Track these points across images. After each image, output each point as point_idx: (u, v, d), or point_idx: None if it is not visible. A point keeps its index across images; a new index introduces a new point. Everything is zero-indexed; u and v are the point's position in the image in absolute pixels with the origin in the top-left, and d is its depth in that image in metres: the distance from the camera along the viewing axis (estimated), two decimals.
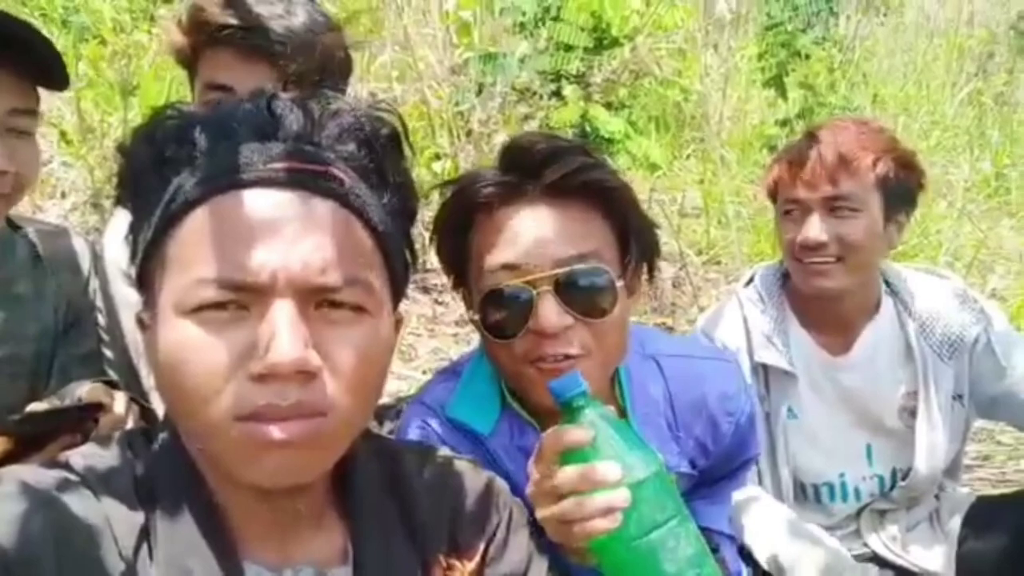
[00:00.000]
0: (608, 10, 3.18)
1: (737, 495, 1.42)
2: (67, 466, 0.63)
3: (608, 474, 0.73)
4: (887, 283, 1.61)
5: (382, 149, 0.68)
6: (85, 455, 0.65)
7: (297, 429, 0.59)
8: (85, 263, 1.29)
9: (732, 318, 1.60)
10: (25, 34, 1.00)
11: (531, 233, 0.95)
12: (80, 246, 1.30)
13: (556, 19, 3.21)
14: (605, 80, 3.12)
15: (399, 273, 0.70)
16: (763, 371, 1.58)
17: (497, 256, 0.96)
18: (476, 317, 0.99)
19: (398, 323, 0.72)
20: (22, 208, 2.98)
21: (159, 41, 3.70)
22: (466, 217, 1.00)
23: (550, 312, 0.93)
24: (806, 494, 1.62)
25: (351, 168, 0.66)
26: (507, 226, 0.96)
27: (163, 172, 0.63)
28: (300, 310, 0.59)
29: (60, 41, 3.91)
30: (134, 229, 0.66)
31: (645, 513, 0.73)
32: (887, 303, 1.59)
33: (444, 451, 0.84)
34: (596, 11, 3.16)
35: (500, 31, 3.80)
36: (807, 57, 4.09)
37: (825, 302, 1.54)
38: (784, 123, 4.31)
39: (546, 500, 0.78)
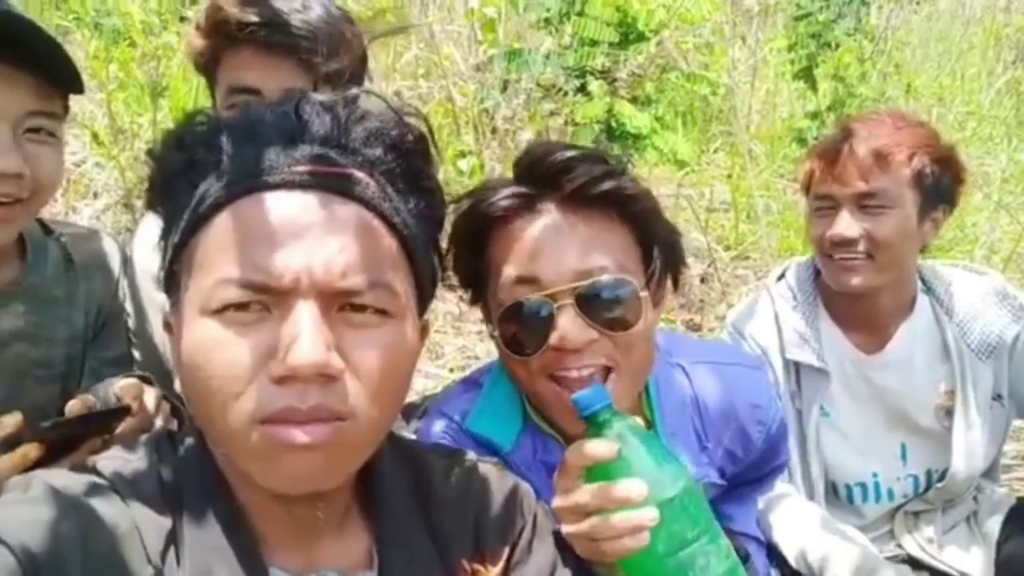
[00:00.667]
0: (634, 4, 3.15)
1: (768, 492, 1.41)
2: (95, 470, 0.64)
3: (633, 492, 0.71)
4: (923, 280, 1.58)
5: (409, 154, 0.68)
6: (113, 459, 0.66)
7: (317, 433, 0.58)
8: (115, 266, 1.31)
9: (763, 314, 1.58)
10: (35, 37, 1.00)
11: (550, 245, 0.92)
12: (111, 249, 1.31)
13: (581, 14, 3.18)
14: (631, 75, 3.09)
15: (425, 279, 0.69)
16: (794, 368, 1.55)
17: (515, 270, 0.93)
18: (495, 333, 0.97)
19: (424, 329, 0.71)
20: (56, 209, 3.04)
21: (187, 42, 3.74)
22: (482, 231, 0.97)
23: (572, 326, 0.90)
24: (838, 494, 1.59)
25: (377, 172, 0.65)
26: (525, 239, 0.93)
27: (191, 177, 0.64)
28: (323, 313, 0.59)
29: (92, 44, 3.97)
30: (164, 233, 0.67)
31: (675, 531, 0.72)
32: (923, 301, 1.56)
33: (469, 455, 0.83)
34: (621, 5, 3.13)
35: (525, 27, 3.79)
36: (837, 48, 4.02)
37: (856, 299, 1.51)
38: (815, 116, 4.23)
39: (572, 516, 0.76)
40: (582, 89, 3.23)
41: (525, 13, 3.48)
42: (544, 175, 0.93)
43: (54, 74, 1.04)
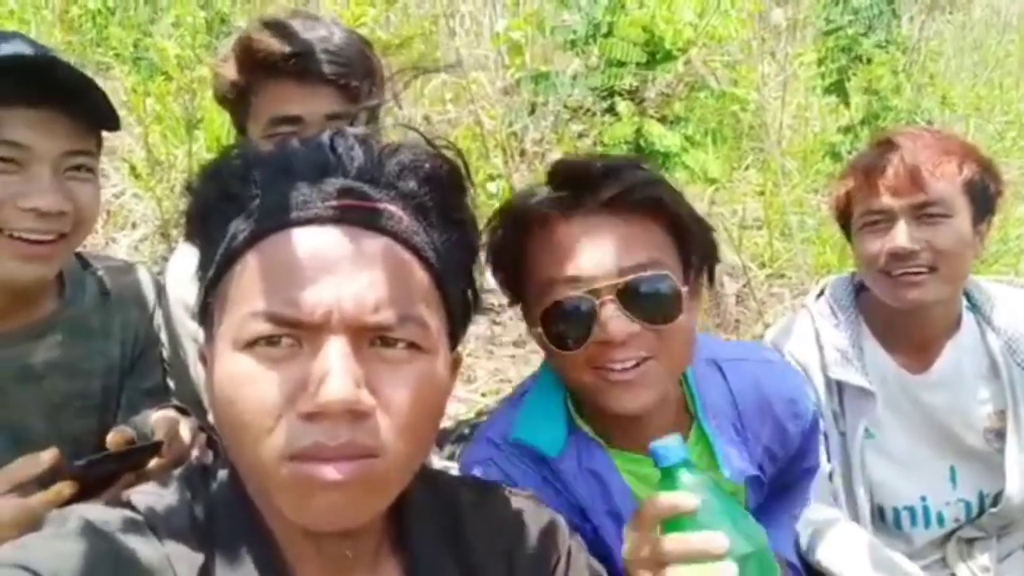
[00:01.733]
0: (660, 24, 3.14)
1: (814, 515, 1.37)
2: (129, 505, 0.64)
3: (717, 544, 0.69)
4: (967, 297, 1.53)
5: (443, 186, 0.67)
6: (147, 494, 0.66)
7: (347, 470, 0.58)
8: (151, 297, 1.32)
9: (803, 332, 1.54)
10: (75, 79, 1.03)
11: (590, 245, 0.95)
12: (146, 280, 1.33)
13: (607, 35, 3.19)
14: (659, 94, 3.08)
15: (457, 312, 0.69)
16: (837, 388, 1.50)
17: (557, 270, 0.96)
18: (539, 331, 0.99)
19: (456, 363, 0.71)
20: (96, 240, 3.11)
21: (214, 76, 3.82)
22: (522, 234, 1.00)
23: (615, 321, 0.93)
24: (885, 518, 1.54)
25: (410, 206, 0.65)
26: (566, 239, 0.96)
27: (226, 211, 0.64)
28: (353, 348, 0.59)
29: (131, 79, 4.08)
30: (201, 266, 0.67)
31: None
32: (968, 318, 1.51)
33: (503, 488, 0.82)
34: (648, 25, 3.13)
35: (551, 50, 3.80)
36: (869, 61, 3.97)
37: (907, 316, 1.46)
38: (848, 130, 4.18)
39: (648, 566, 0.74)
40: (610, 110, 3.23)
41: (552, 36, 3.50)
42: (584, 181, 0.97)
43: (92, 114, 1.06)
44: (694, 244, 1.01)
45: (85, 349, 1.19)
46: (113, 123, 1.09)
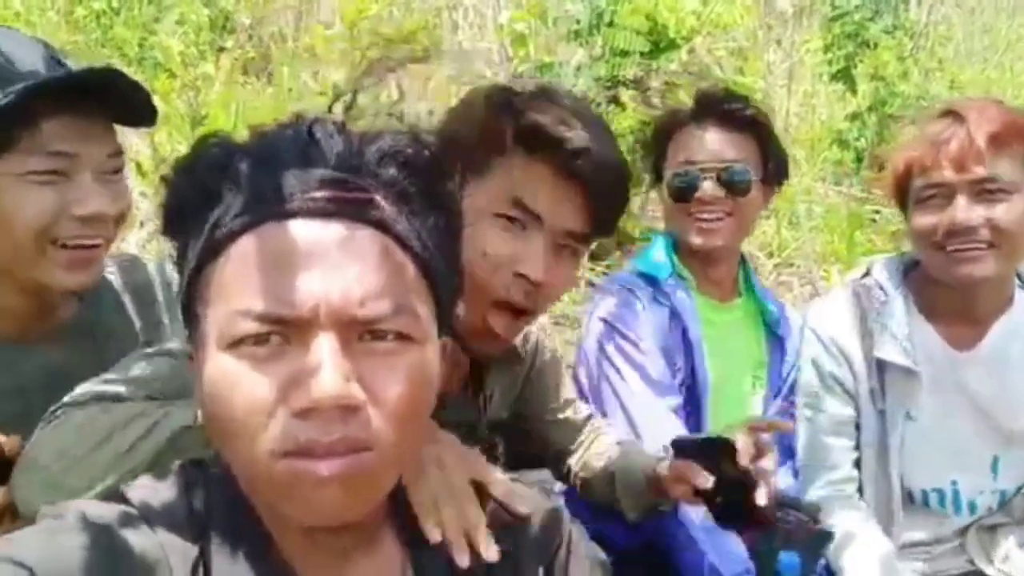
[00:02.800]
0: (664, 12, 3.12)
1: (839, 525, 1.38)
2: (123, 498, 0.64)
3: None
4: (1019, 277, 1.50)
5: (425, 171, 0.66)
6: (142, 488, 0.65)
7: (341, 465, 0.57)
8: (159, 292, 1.32)
9: (846, 313, 1.53)
10: (118, 82, 1.03)
11: (708, 142, 1.57)
12: (152, 275, 1.33)
13: (610, 25, 3.17)
14: (664, 84, 3.06)
15: (445, 299, 0.68)
16: (878, 368, 1.49)
17: (684, 156, 1.58)
18: (665, 194, 1.62)
19: (443, 349, 0.70)
20: None
21: (225, 72, 3.83)
22: (665, 133, 1.63)
23: (712, 190, 1.56)
24: (913, 499, 1.52)
25: (392, 193, 0.64)
26: (694, 137, 1.58)
27: (204, 204, 0.63)
28: (342, 342, 0.58)
29: (136, 77, 4.09)
30: (179, 261, 0.66)
31: None
32: (1020, 296, 1.48)
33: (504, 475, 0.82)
34: (651, 14, 3.11)
35: (555, 41, 3.79)
36: (876, 47, 3.93)
37: (959, 293, 1.44)
38: (855, 117, 4.16)
39: None
40: (615, 100, 3.21)
41: (555, 27, 3.49)
42: (711, 102, 1.59)
43: (133, 115, 1.06)
44: (771, 153, 1.60)
45: (105, 351, 1.19)
46: (151, 121, 1.09)
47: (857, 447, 1.53)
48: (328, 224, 0.60)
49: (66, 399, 0.90)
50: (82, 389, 0.89)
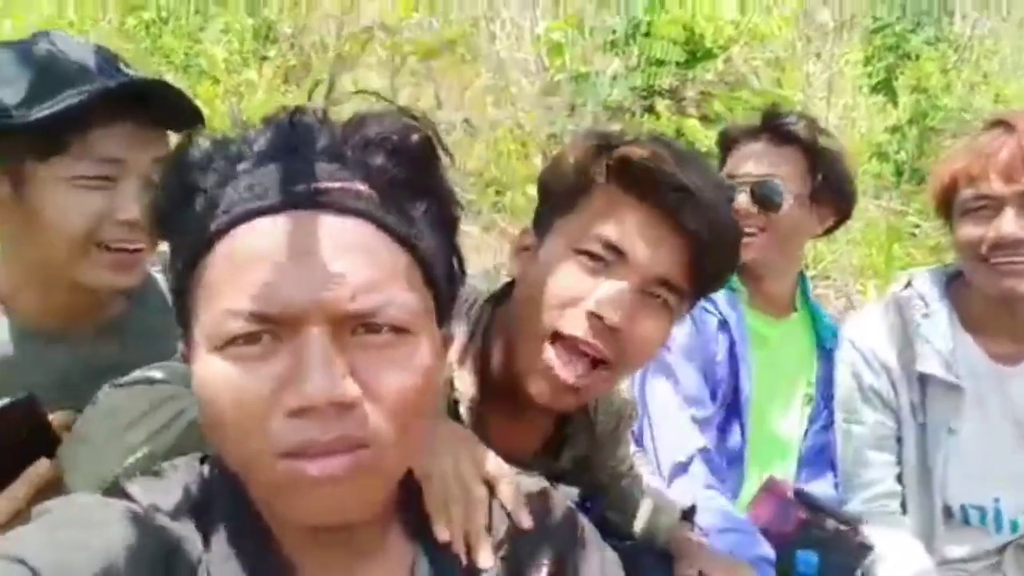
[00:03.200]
0: (700, 22, 3.12)
1: (879, 540, 1.37)
2: (125, 494, 0.63)
3: None
4: None
5: (413, 158, 0.63)
6: (144, 482, 0.64)
7: (339, 464, 0.56)
8: None
9: (887, 326, 1.50)
10: (165, 92, 1.05)
11: (747, 157, 1.59)
12: None
13: (647, 35, 3.17)
14: (699, 93, 3.05)
15: (442, 287, 0.65)
16: (920, 382, 1.46)
17: (734, 168, 1.60)
18: None
19: (445, 341, 0.68)
20: None
21: (266, 80, 3.92)
22: (726, 144, 1.66)
23: (742, 202, 1.53)
24: (952, 515, 1.48)
25: (380, 181, 0.61)
26: (745, 152, 1.59)
27: (189, 203, 0.61)
28: (335, 338, 0.56)
29: (182, 83, 4.21)
30: (171, 262, 0.64)
31: None
32: None
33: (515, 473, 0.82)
34: (688, 24, 3.10)
35: (591, 51, 3.80)
36: (918, 59, 3.88)
37: (1004, 306, 1.40)
38: (895, 129, 4.09)
39: None
40: (649, 109, 3.21)
41: (591, 37, 3.50)
42: (764, 117, 1.60)
43: (179, 120, 1.07)
44: (820, 169, 1.56)
45: (150, 350, 1.21)
46: (199, 123, 1.10)
47: (899, 461, 1.50)
48: (314, 217, 0.58)
49: (112, 382, 0.93)
50: (128, 376, 0.92)
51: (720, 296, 1.59)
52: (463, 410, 0.97)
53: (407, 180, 0.63)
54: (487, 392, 0.99)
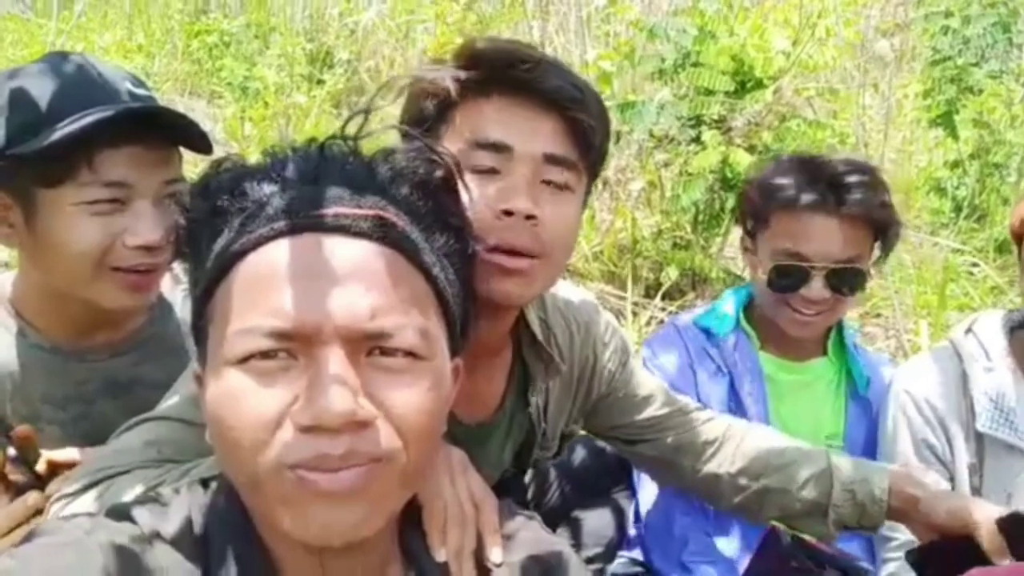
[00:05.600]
0: (751, 52, 3.07)
1: None
2: (126, 515, 0.63)
3: None
4: None
5: (436, 191, 0.66)
6: (146, 505, 0.65)
7: (349, 479, 0.56)
8: None
9: (945, 374, 1.41)
10: (172, 118, 1.08)
11: (819, 235, 1.43)
12: None
13: (696, 65, 3.14)
14: (747, 123, 2.99)
15: (456, 318, 0.67)
16: (977, 440, 1.37)
17: (790, 244, 1.45)
18: (763, 275, 1.49)
19: (456, 372, 0.69)
20: None
21: (318, 104, 4.01)
22: (768, 212, 1.50)
23: (817, 289, 1.44)
24: None
25: (404, 211, 0.64)
26: (803, 223, 1.44)
27: (215, 224, 0.63)
28: (350, 358, 0.57)
29: (238, 104, 4.33)
30: (191, 283, 0.66)
31: None
32: None
33: (525, 515, 0.79)
34: (737, 54, 3.06)
35: (640, 80, 3.78)
36: (980, 92, 3.74)
37: None
38: (955, 164, 3.95)
39: None
40: (696, 139, 3.16)
41: (640, 66, 3.48)
42: (833, 185, 1.43)
43: (187, 142, 1.11)
44: (887, 244, 1.51)
45: (172, 365, 1.23)
46: (206, 148, 1.13)
47: None
48: (336, 240, 0.60)
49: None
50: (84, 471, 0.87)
51: (727, 342, 1.53)
52: None
53: (429, 212, 0.66)
54: None
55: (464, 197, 0.69)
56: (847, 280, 1.43)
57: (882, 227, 1.47)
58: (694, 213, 3.25)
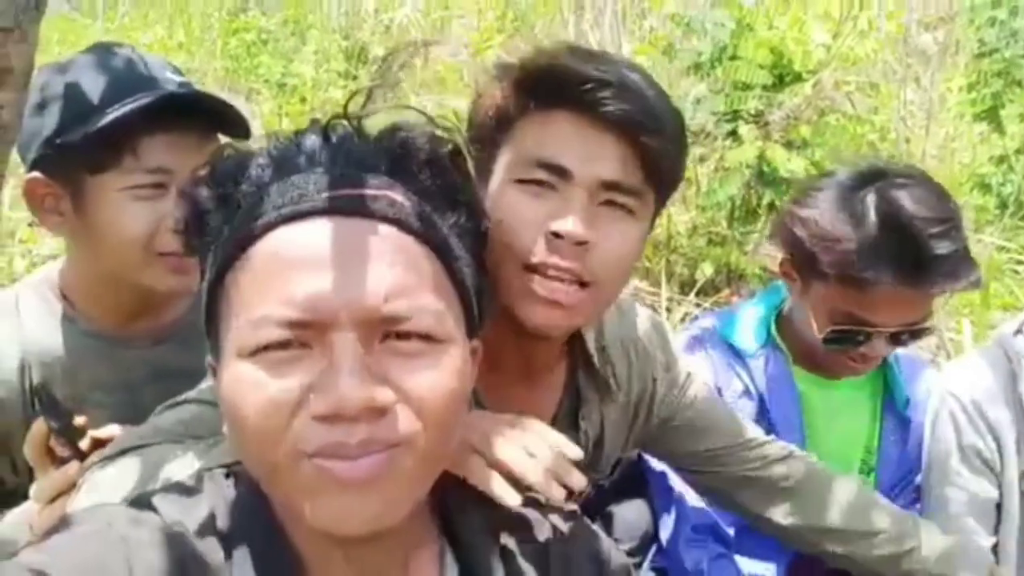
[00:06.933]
0: (790, 45, 3.02)
1: None
2: (148, 505, 0.63)
3: None
4: None
5: (443, 168, 0.64)
6: (169, 496, 0.65)
7: (368, 466, 0.55)
8: None
9: (995, 378, 1.35)
10: (212, 104, 1.10)
11: (899, 309, 1.26)
12: None
13: (733, 58, 3.10)
14: (785, 118, 2.95)
15: (471, 298, 0.65)
16: None
17: (855, 311, 1.28)
18: (830, 329, 1.31)
19: (475, 353, 0.67)
20: None
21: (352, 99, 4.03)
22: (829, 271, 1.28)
23: (879, 348, 1.31)
24: None
25: (411, 190, 0.62)
26: (877, 296, 1.24)
27: (222, 213, 0.62)
28: (365, 344, 0.56)
29: (275, 101, 4.39)
30: (200, 273, 0.65)
31: None
32: None
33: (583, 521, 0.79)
34: (776, 47, 3.01)
35: (676, 75, 3.75)
36: None
37: None
38: (1001, 160, 3.85)
39: None
40: (732, 134, 3.13)
41: (677, 60, 3.45)
42: (918, 265, 1.22)
43: (226, 127, 1.13)
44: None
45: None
46: (244, 133, 1.14)
47: (996, 532, 1.36)
48: (344, 223, 0.59)
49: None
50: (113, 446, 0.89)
51: (757, 361, 1.41)
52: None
53: (438, 190, 0.64)
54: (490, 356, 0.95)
55: (472, 172, 0.68)
56: (913, 336, 1.31)
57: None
58: (730, 209, 3.22)
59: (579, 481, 0.71)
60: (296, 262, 0.57)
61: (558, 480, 0.73)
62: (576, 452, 0.73)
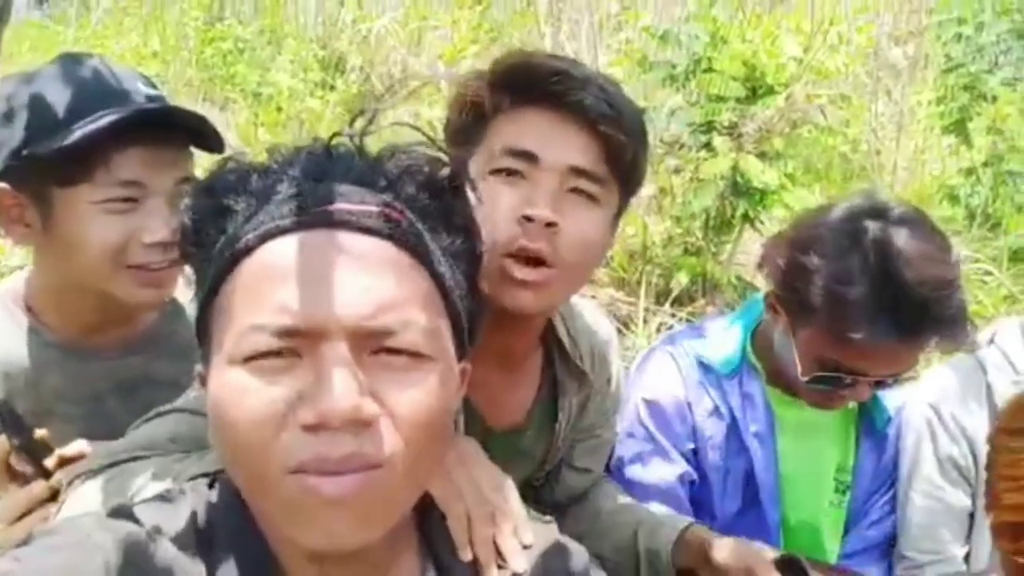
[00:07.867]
0: (762, 58, 3.07)
1: None
2: (129, 515, 0.62)
3: None
4: None
5: (442, 191, 0.65)
6: (150, 504, 0.64)
7: (350, 484, 0.55)
8: None
9: (970, 388, 1.35)
10: (186, 118, 1.09)
11: (884, 360, 1.20)
12: None
13: (707, 71, 3.14)
14: (758, 130, 2.99)
15: (462, 319, 0.66)
16: None
17: (841, 360, 1.21)
18: (815, 372, 1.24)
19: (463, 374, 0.67)
20: None
21: (331, 108, 4.03)
22: (818, 316, 1.21)
23: (862, 392, 1.25)
24: None
25: (410, 209, 0.63)
26: (866, 347, 1.17)
27: (220, 224, 0.63)
28: (355, 355, 0.56)
29: (251, 110, 4.37)
30: (197, 283, 0.65)
31: None
32: None
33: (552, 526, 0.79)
34: (749, 60, 3.06)
35: (651, 87, 3.78)
36: (995, 100, 3.72)
37: None
38: (969, 172, 3.93)
39: None
40: (707, 145, 3.16)
41: (651, 72, 3.48)
42: (912, 316, 1.15)
43: (199, 141, 1.12)
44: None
45: (182, 364, 1.23)
46: (218, 146, 1.13)
47: (967, 541, 1.37)
48: (341, 237, 0.59)
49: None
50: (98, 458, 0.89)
51: (732, 381, 1.36)
52: None
53: (435, 211, 0.65)
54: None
55: (472, 198, 0.68)
56: (896, 381, 1.26)
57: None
58: (704, 219, 3.25)
59: (518, 565, 0.72)
60: (291, 273, 0.58)
61: (500, 554, 0.74)
62: (529, 539, 0.74)
